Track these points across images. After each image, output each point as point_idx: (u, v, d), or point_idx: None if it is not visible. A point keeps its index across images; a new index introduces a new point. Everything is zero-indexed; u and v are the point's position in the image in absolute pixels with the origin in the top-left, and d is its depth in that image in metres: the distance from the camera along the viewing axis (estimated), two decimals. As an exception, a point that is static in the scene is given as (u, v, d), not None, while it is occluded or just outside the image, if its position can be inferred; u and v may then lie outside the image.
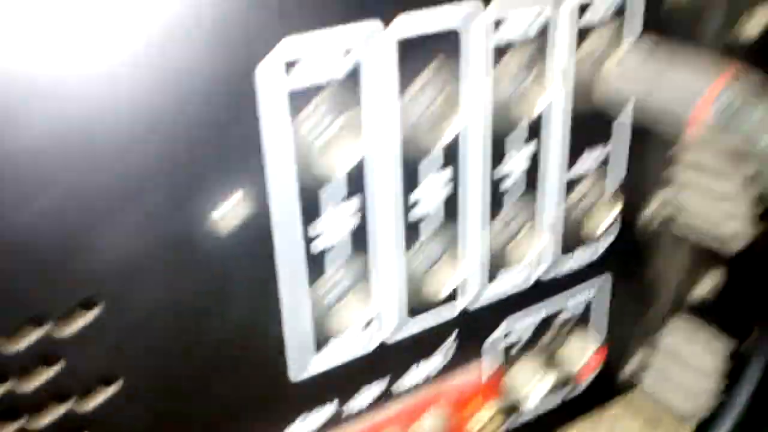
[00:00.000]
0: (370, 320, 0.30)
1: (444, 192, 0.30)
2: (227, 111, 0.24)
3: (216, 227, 0.25)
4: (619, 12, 0.31)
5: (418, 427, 0.34)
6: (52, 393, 0.25)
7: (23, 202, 0.22)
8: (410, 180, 0.29)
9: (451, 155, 0.30)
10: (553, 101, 0.31)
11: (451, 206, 0.31)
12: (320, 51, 0.24)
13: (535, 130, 0.31)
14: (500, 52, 0.29)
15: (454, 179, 0.30)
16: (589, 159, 0.34)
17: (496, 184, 0.32)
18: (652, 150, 0.36)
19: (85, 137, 0.22)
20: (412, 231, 0.30)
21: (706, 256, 0.39)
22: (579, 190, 0.34)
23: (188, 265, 0.25)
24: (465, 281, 0.33)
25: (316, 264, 0.28)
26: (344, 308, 0.29)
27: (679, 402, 0.42)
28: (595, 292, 0.39)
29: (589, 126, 0.33)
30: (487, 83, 0.29)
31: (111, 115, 0.22)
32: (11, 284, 0.22)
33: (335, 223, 0.28)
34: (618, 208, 0.35)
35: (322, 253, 0.28)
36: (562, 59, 0.30)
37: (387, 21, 0.26)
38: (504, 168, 0.31)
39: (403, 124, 0.28)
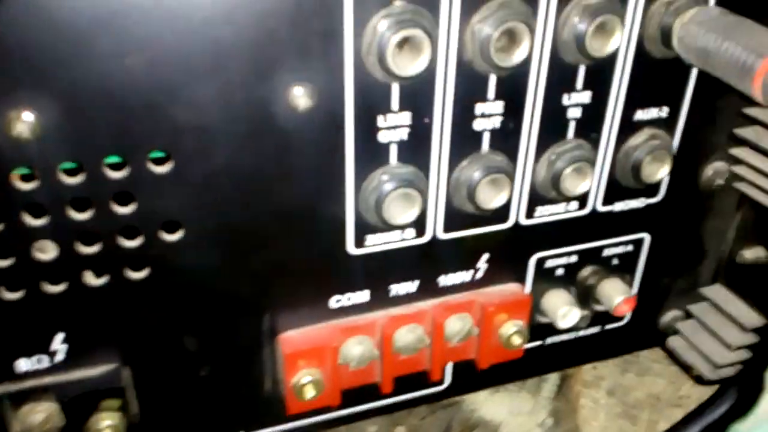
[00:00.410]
0: (423, 214, 0.34)
1: (498, 119, 0.33)
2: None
3: (293, 104, 0.29)
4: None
5: (446, 325, 0.37)
6: (124, 229, 0.29)
7: (119, 55, 0.26)
8: (471, 96, 0.32)
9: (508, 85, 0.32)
10: (621, 46, 0.33)
11: (510, 129, 0.34)
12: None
13: (599, 73, 0.34)
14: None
15: (511, 105, 0.33)
16: (651, 111, 0.36)
17: (555, 117, 0.34)
18: (717, 111, 0.37)
19: (181, 8, 0.26)
20: (473, 141, 0.33)
21: (753, 226, 0.41)
22: (637, 139, 0.36)
23: (262, 135, 0.29)
24: (514, 201, 0.36)
25: (381, 153, 0.32)
26: (402, 198, 0.32)
27: (700, 366, 0.44)
28: (634, 245, 0.41)
29: (657, 79, 0.35)
30: (552, 21, 0.31)
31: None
32: (99, 121, 0.27)
33: (402, 119, 0.31)
34: (670, 163, 0.37)
35: (388, 145, 0.32)
36: (637, 5, 0.32)
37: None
38: (563, 102, 0.34)
39: (465, 47, 0.30)
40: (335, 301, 0.35)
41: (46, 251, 0.29)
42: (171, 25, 0.26)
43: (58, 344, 0.31)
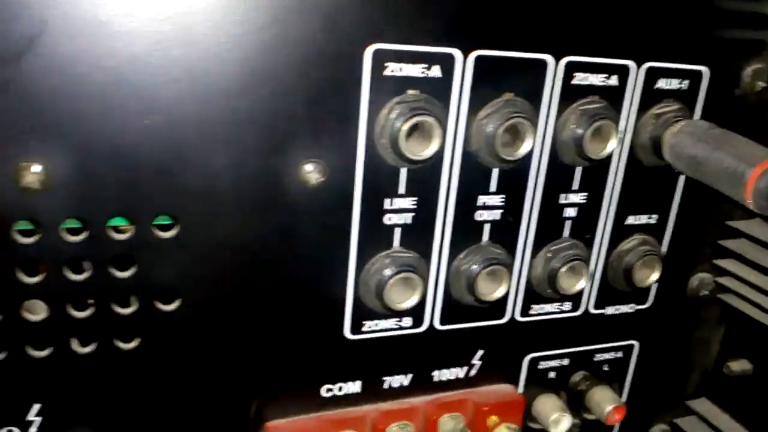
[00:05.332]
0: (422, 303, 0.32)
1: (499, 211, 0.32)
2: (334, 81, 0.27)
3: (304, 179, 0.27)
4: (689, 89, 0.33)
5: (439, 424, 0.34)
6: (119, 295, 0.27)
7: (136, 117, 0.24)
8: (475, 186, 0.31)
9: (509, 180, 0.31)
10: (615, 152, 0.33)
11: (510, 222, 0.32)
12: (413, 57, 0.28)
13: (594, 176, 0.33)
14: (572, 96, 0.31)
15: (511, 198, 0.32)
16: (642, 216, 0.35)
17: (552, 214, 0.33)
18: (703, 221, 0.37)
19: (203, 76, 0.25)
20: (474, 231, 0.32)
21: (738, 338, 0.39)
22: (628, 243, 0.35)
23: (271, 207, 0.28)
24: (511, 296, 0.34)
25: (385, 235, 0.30)
26: (404, 283, 0.30)
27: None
28: (624, 351, 0.39)
29: (647, 185, 0.34)
30: (552, 122, 0.31)
31: (232, 64, 0.25)
32: (109, 180, 0.25)
33: (407, 204, 0.30)
34: (660, 269, 0.35)
35: (392, 228, 0.30)
36: (630, 115, 0.32)
37: (467, 51, 0.28)
38: (560, 201, 0.33)
39: (471, 139, 0.30)
40: (326, 390, 0.32)
41: (36, 312, 0.26)
42: (193, 91, 0.25)
43: (33, 416, 0.27)
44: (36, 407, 0.27)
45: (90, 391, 0.28)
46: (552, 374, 0.37)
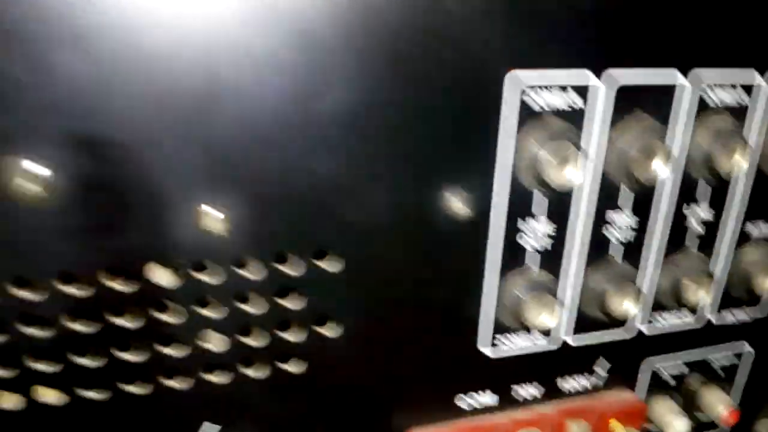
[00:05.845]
0: (558, 321, 0.33)
1: (629, 229, 0.33)
2: (474, 110, 0.27)
3: (452, 209, 0.29)
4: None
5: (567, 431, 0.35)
6: (283, 320, 0.29)
7: (303, 161, 0.26)
8: (605, 208, 0.32)
9: (639, 197, 0.32)
10: (744, 167, 0.33)
11: (638, 239, 0.33)
12: (549, 82, 0.28)
13: (719, 190, 0.33)
14: (703, 114, 0.31)
15: (643, 222, 0.33)
16: (762, 226, 0.35)
17: (677, 228, 0.34)
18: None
19: (362, 119, 0.26)
20: (604, 252, 0.33)
21: None
22: (750, 253, 0.36)
23: (420, 238, 0.29)
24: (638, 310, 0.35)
25: (521, 257, 0.31)
26: (536, 304, 0.31)
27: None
28: (738, 355, 0.39)
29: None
30: (686, 141, 0.31)
31: (387, 108, 0.26)
32: (279, 218, 0.26)
33: (542, 227, 0.31)
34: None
35: (525, 251, 0.31)
36: (760, 130, 0.33)
37: (599, 72, 0.29)
38: (686, 215, 0.33)
39: (606, 161, 0.31)
40: (461, 401, 0.34)
41: (210, 342, 0.28)
42: (356, 132, 0.26)
43: (213, 437, 0.29)
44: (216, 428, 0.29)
45: (262, 412, 0.30)
46: (670, 380, 0.38)
